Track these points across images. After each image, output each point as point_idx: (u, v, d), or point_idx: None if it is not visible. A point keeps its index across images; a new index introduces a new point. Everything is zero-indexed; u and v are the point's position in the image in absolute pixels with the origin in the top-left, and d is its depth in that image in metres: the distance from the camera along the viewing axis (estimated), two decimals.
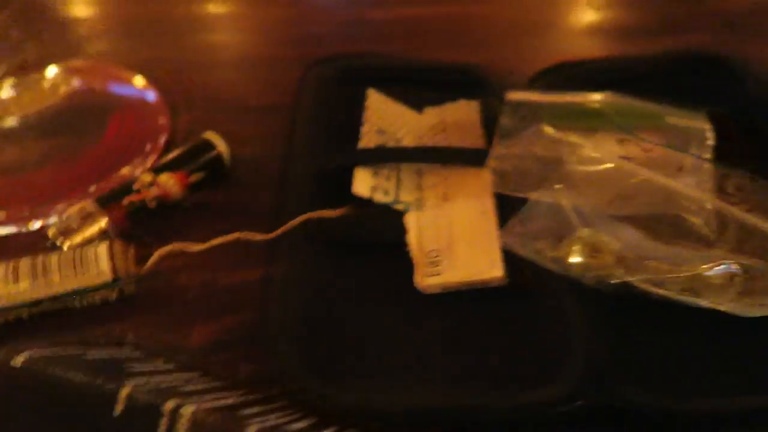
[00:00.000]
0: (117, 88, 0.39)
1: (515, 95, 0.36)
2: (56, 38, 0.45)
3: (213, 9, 0.53)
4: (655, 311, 0.25)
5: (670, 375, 0.23)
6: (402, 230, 0.30)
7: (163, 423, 0.18)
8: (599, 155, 0.30)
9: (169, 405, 0.18)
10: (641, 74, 0.38)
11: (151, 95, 0.40)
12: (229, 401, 0.20)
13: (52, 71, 0.35)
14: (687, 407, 0.22)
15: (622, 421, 0.23)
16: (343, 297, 0.27)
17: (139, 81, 0.41)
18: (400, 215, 0.30)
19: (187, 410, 0.18)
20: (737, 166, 0.30)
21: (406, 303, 0.27)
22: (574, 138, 0.31)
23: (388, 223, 0.30)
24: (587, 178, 0.30)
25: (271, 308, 0.24)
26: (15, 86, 0.34)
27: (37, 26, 0.35)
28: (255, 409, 0.19)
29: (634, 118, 0.34)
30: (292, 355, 0.23)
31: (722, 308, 0.23)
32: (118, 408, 0.18)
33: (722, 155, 0.32)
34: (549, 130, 0.33)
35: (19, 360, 0.19)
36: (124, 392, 0.18)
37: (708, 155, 0.31)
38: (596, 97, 0.35)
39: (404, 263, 0.28)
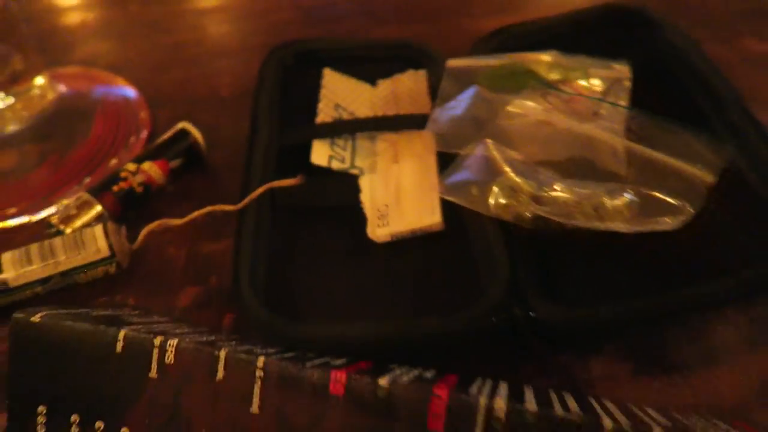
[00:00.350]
0: (100, 90, 0.43)
1: (455, 62, 0.39)
2: (40, 49, 0.49)
3: (187, 6, 0.57)
4: (565, 238, 0.29)
5: (577, 289, 0.28)
6: (357, 192, 0.34)
7: (155, 353, 0.23)
8: (522, 111, 0.34)
9: (158, 339, 0.23)
10: (568, 32, 0.41)
11: (132, 93, 0.44)
12: (211, 338, 0.24)
13: (39, 80, 0.39)
14: (589, 314, 0.26)
15: (537, 334, 0.28)
16: (303, 252, 0.31)
17: (119, 82, 0.45)
18: (355, 179, 0.35)
19: (173, 342, 0.22)
20: (650, 108, 0.34)
21: (359, 253, 0.31)
22: (503, 97, 0.35)
23: (344, 187, 0.34)
24: (513, 131, 0.34)
25: (240, 265, 0.29)
26: (6, 97, 0.38)
27: (21, 39, 0.38)
28: (231, 342, 0.24)
29: (562, 73, 0.38)
30: (258, 302, 0.27)
31: (620, 229, 0.28)
32: (119, 346, 0.23)
33: (639, 99, 0.35)
34: (483, 92, 0.37)
35: (37, 317, 0.23)
36: (122, 334, 0.23)
37: (624, 101, 0.35)
38: (528, 57, 0.39)
39: (358, 221, 0.33)
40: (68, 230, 0.32)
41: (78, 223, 0.33)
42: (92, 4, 0.59)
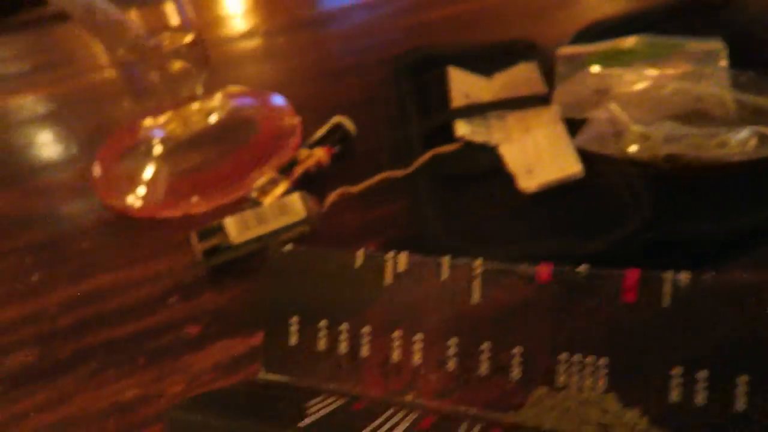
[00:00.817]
0: (260, 101, 0.52)
1: (565, 50, 0.46)
2: (214, 72, 0.58)
3: (315, 33, 0.66)
4: (694, 173, 0.34)
5: (707, 209, 0.33)
6: (499, 159, 0.40)
7: (389, 264, 0.28)
8: (636, 78, 0.40)
9: (391, 254, 0.28)
10: (659, 20, 0.47)
11: (282, 102, 0.52)
12: None
13: (217, 97, 0.47)
14: (721, 228, 0.31)
15: (680, 252, 0.33)
16: (465, 206, 0.37)
17: (273, 95, 0.53)
18: (494, 149, 0.41)
19: (404, 254, 0.28)
20: (748, 69, 0.39)
21: (513, 202, 0.37)
22: (615, 70, 0.42)
23: (487, 155, 0.41)
24: (631, 95, 0.39)
25: (423, 203, 0.35)
26: (195, 108, 0.46)
27: (208, 63, 0.47)
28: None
29: (661, 50, 0.44)
30: (444, 229, 0.34)
31: (746, 157, 0.33)
32: (357, 262, 0.29)
33: (735, 66, 0.41)
34: (595, 68, 0.43)
35: (288, 247, 0.30)
36: (360, 252, 0.29)
37: (724, 66, 0.41)
38: (629, 41, 0.45)
39: (506, 180, 0.39)
40: (266, 201, 0.39)
41: (272, 196, 0.40)
42: (250, 34, 0.68)
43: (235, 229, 0.37)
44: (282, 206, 0.38)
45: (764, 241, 0.34)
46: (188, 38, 0.44)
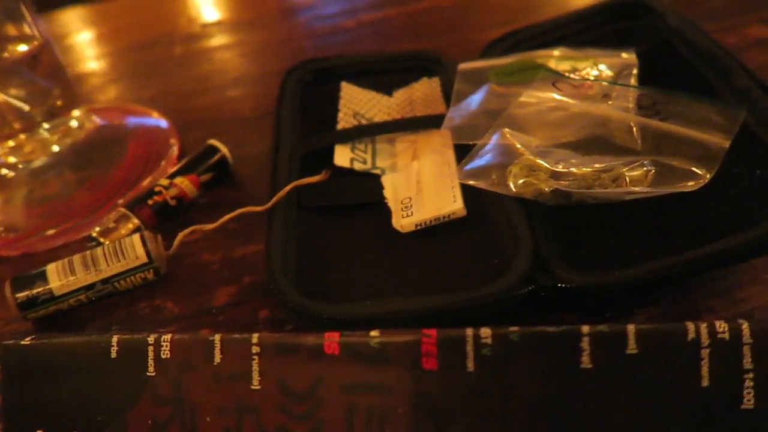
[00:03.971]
0: (131, 120, 0.46)
1: (466, 65, 0.41)
2: (77, 88, 0.52)
3: (206, 44, 0.60)
4: (585, 211, 0.30)
5: (599, 256, 0.28)
6: (380, 190, 0.35)
7: (150, 351, 0.23)
8: (535, 99, 0.35)
9: (153, 337, 0.23)
10: (574, 31, 0.43)
11: (162, 122, 0.47)
12: None
13: (77, 113, 0.42)
14: (611, 279, 0.27)
15: (565, 301, 0.28)
16: (331, 245, 0.32)
17: (149, 112, 0.47)
18: (377, 178, 0.36)
19: (167, 336, 0.23)
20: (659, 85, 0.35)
21: (386, 243, 0.32)
22: (514, 89, 0.37)
23: (367, 185, 0.36)
24: (527, 119, 0.35)
25: (273, 254, 0.30)
26: (49, 129, 0.40)
27: (60, 75, 0.41)
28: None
29: (571, 64, 0.39)
30: (291, 285, 0.28)
31: (640, 195, 0.28)
32: (113, 351, 0.23)
33: (648, 83, 0.36)
34: (495, 87, 0.38)
35: (27, 340, 0.24)
36: (115, 339, 0.23)
37: (633, 83, 0.36)
38: (538, 54, 0.41)
39: (383, 215, 0.34)
40: (107, 242, 0.34)
41: (116, 235, 0.35)
42: (119, 50, 0.63)
43: (59, 276, 0.32)
44: (120, 249, 0.32)
45: (660, 290, 0.29)
46: (32, 48, 0.38)
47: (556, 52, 0.40)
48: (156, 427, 0.23)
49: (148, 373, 0.23)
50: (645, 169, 0.29)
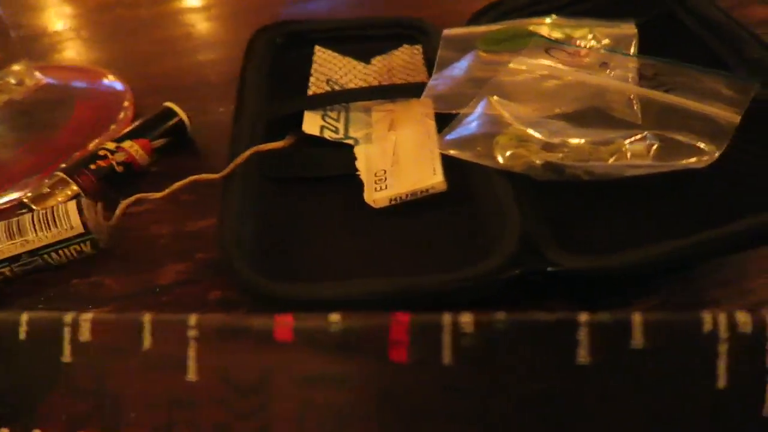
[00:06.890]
0: (82, 82, 0.42)
1: (451, 31, 0.38)
2: (29, 48, 0.47)
3: (174, 6, 0.56)
4: (579, 187, 0.26)
5: (593, 238, 0.25)
6: (352, 161, 0.32)
7: (67, 332, 0.19)
8: (526, 67, 0.32)
9: (70, 316, 0.19)
10: (568, 2, 0.39)
11: (118, 84, 0.42)
12: None
13: (16, 68, 0.37)
14: (607, 264, 0.23)
15: (553, 285, 0.25)
16: (296, 220, 0.29)
17: (104, 75, 0.43)
18: (350, 149, 0.32)
19: (87, 315, 0.19)
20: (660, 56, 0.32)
21: (357, 219, 0.29)
22: (504, 56, 0.33)
23: (338, 156, 0.32)
24: (517, 87, 0.31)
25: (225, 227, 0.26)
26: None
27: (5, 38, 0.37)
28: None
29: (565, 33, 0.36)
30: (246, 263, 0.25)
31: (641, 172, 0.25)
32: (22, 332, 0.19)
33: (646, 52, 0.33)
34: (483, 54, 0.35)
35: None
36: (24, 317, 0.19)
37: (633, 52, 0.33)
38: (530, 21, 0.37)
39: (355, 189, 0.30)
40: (39, 209, 0.30)
41: (52, 202, 0.31)
42: (82, 11, 0.58)
43: None
44: (51, 217, 0.28)
45: (660, 277, 0.26)
46: None
47: (548, 20, 0.37)
48: (71, 424, 0.19)
49: (62, 359, 0.19)
50: (648, 143, 0.26)
